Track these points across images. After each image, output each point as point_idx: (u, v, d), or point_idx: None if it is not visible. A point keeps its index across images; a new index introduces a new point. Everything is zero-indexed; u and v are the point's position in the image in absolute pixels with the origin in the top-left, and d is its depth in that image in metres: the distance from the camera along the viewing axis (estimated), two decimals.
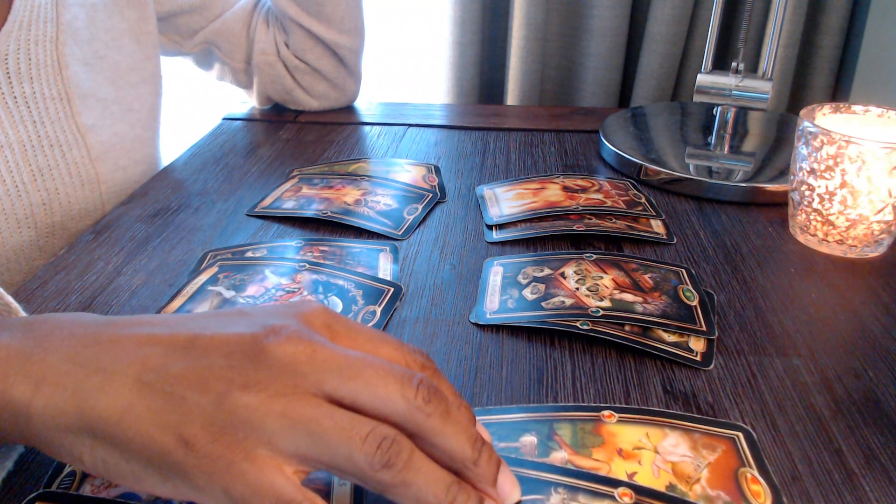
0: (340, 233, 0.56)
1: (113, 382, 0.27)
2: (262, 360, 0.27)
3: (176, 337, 0.28)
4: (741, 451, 0.34)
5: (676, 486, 0.32)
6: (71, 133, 0.60)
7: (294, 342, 0.28)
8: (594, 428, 0.35)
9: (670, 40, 0.95)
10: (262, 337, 0.28)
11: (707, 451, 0.34)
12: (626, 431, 0.35)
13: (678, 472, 0.33)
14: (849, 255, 0.53)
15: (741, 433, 0.35)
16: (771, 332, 0.45)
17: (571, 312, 0.44)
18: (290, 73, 0.80)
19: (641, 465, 0.33)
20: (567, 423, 0.36)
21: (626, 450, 0.34)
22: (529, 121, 0.82)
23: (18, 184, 0.57)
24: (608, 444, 0.34)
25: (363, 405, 0.27)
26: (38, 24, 0.57)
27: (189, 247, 0.54)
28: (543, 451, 0.34)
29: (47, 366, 0.27)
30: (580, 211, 0.58)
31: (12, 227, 0.57)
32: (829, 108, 0.56)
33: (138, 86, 0.67)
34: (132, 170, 0.66)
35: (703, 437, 0.35)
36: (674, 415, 0.37)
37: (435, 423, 0.27)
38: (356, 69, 0.82)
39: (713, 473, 0.33)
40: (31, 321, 0.30)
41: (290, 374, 0.27)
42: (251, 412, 0.26)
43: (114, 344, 0.28)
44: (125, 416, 0.26)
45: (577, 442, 0.34)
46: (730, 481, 0.32)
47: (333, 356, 0.28)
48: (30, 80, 0.57)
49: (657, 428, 0.35)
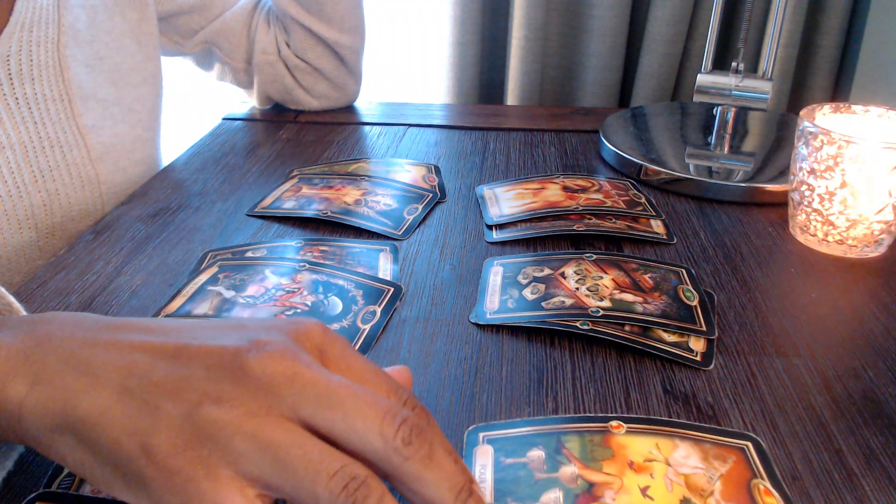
0: (340, 233, 0.56)
1: (97, 386, 0.27)
2: (240, 376, 0.26)
3: (166, 345, 0.28)
4: (752, 461, 0.34)
5: (691, 499, 0.31)
6: (72, 134, 0.60)
7: (276, 360, 0.27)
8: (603, 440, 0.35)
9: (670, 40, 0.95)
10: (245, 351, 0.27)
11: (718, 461, 0.34)
12: (636, 443, 0.35)
13: (691, 484, 0.32)
14: (849, 255, 0.53)
15: (750, 443, 0.35)
16: (771, 332, 0.45)
17: (571, 312, 0.44)
18: (290, 73, 0.80)
19: (654, 478, 0.32)
20: (575, 435, 0.35)
21: (638, 462, 0.33)
22: (529, 121, 0.82)
23: (20, 185, 0.57)
24: (618, 456, 0.34)
25: (338, 438, 0.26)
26: (39, 26, 0.57)
27: (189, 247, 0.54)
28: (553, 465, 0.33)
29: (44, 366, 0.27)
30: (580, 211, 0.58)
31: (13, 227, 0.57)
32: (829, 108, 0.56)
33: (139, 86, 0.68)
34: (132, 170, 0.66)
35: (714, 448, 0.34)
36: (682, 424, 0.36)
37: (413, 468, 0.26)
38: (356, 69, 0.82)
39: (726, 486, 0.32)
40: (35, 320, 0.30)
41: (266, 393, 0.26)
42: (219, 429, 0.25)
43: (107, 348, 0.28)
44: (101, 418, 0.26)
45: (586, 455, 0.34)
46: (743, 494, 0.32)
47: (315, 381, 0.26)
48: (31, 82, 0.57)
49: (667, 438, 0.35)
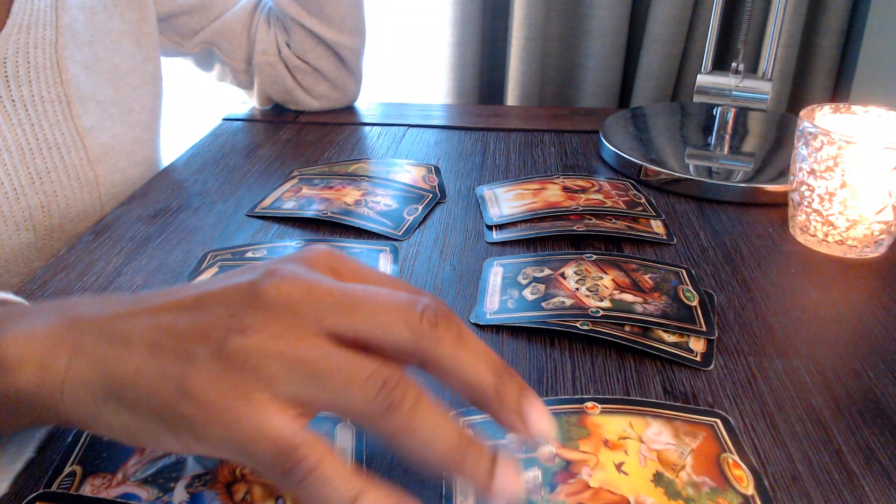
0: (340, 233, 0.56)
1: (130, 349, 0.28)
2: (258, 304, 0.27)
3: (185, 299, 0.29)
4: (721, 437, 0.35)
5: (663, 473, 0.33)
6: (70, 135, 0.60)
7: (289, 282, 0.27)
8: (579, 420, 0.36)
9: (670, 41, 0.95)
10: (259, 282, 0.28)
11: (689, 438, 0.35)
12: (610, 422, 0.36)
13: (664, 460, 0.34)
14: (849, 255, 0.53)
15: (719, 419, 0.36)
16: (771, 332, 0.45)
17: (571, 313, 0.44)
18: (291, 74, 0.80)
19: (628, 454, 0.34)
20: (552, 416, 0.36)
21: (612, 440, 0.35)
22: (529, 121, 0.82)
23: (17, 186, 0.57)
24: (594, 435, 0.35)
25: (366, 338, 0.26)
26: (37, 28, 0.57)
27: (189, 247, 0.54)
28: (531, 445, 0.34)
29: (79, 343, 0.28)
30: (580, 211, 0.58)
31: (11, 229, 0.57)
32: (829, 109, 0.56)
33: (138, 87, 0.67)
34: (131, 171, 0.66)
35: (685, 425, 0.36)
36: (654, 403, 0.38)
37: (446, 350, 0.26)
38: (357, 69, 0.82)
39: (697, 460, 0.34)
40: (63, 305, 0.31)
41: (287, 314, 0.26)
42: (248, 355, 0.26)
43: (134, 316, 0.29)
44: (138, 376, 0.27)
45: (563, 435, 0.35)
46: (713, 467, 0.33)
47: (330, 291, 0.27)
48: (28, 84, 0.57)
49: (639, 417, 0.36)
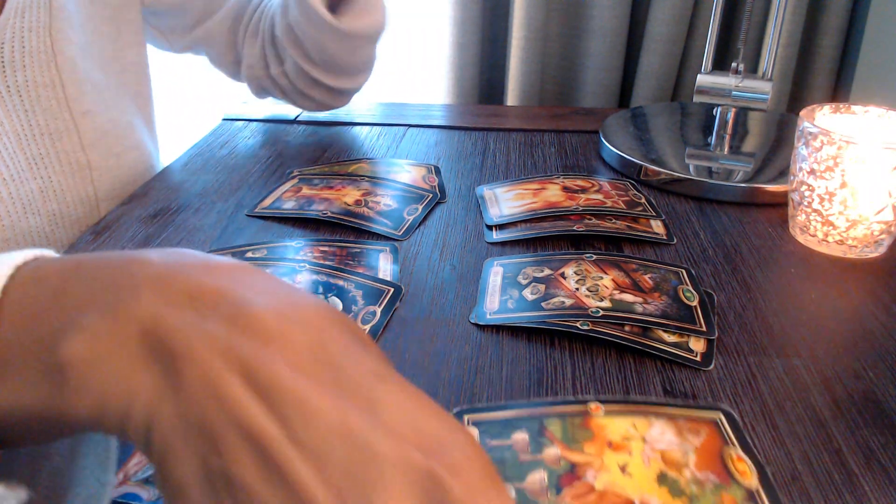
0: (340, 233, 0.56)
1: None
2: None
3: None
4: (724, 431, 0.35)
5: (667, 473, 0.33)
6: (63, 121, 0.60)
7: None
8: (583, 422, 0.36)
9: (670, 40, 0.95)
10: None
11: (692, 435, 0.35)
12: (614, 423, 0.36)
13: (667, 459, 0.34)
14: (848, 255, 0.53)
15: (722, 413, 0.36)
16: (771, 332, 0.45)
17: (571, 313, 0.44)
18: (281, 90, 0.76)
19: (632, 455, 0.34)
20: (556, 418, 0.36)
21: (616, 441, 0.35)
22: (529, 121, 0.82)
23: (14, 172, 0.57)
24: (598, 437, 0.35)
25: None
26: (31, 11, 0.57)
27: (189, 247, 0.54)
28: (536, 447, 0.35)
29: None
30: (580, 211, 0.58)
31: (19, 211, 0.57)
32: (829, 109, 0.56)
33: (121, 74, 0.67)
34: (125, 156, 0.66)
35: (688, 423, 0.36)
36: (656, 402, 0.38)
37: None
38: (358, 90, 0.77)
39: (700, 457, 0.34)
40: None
41: None
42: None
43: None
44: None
45: (567, 437, 0.35)
46: (716, 462, 0.33)
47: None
48: (23, 69, 0.57)
49: (643, 417, 0.36)
